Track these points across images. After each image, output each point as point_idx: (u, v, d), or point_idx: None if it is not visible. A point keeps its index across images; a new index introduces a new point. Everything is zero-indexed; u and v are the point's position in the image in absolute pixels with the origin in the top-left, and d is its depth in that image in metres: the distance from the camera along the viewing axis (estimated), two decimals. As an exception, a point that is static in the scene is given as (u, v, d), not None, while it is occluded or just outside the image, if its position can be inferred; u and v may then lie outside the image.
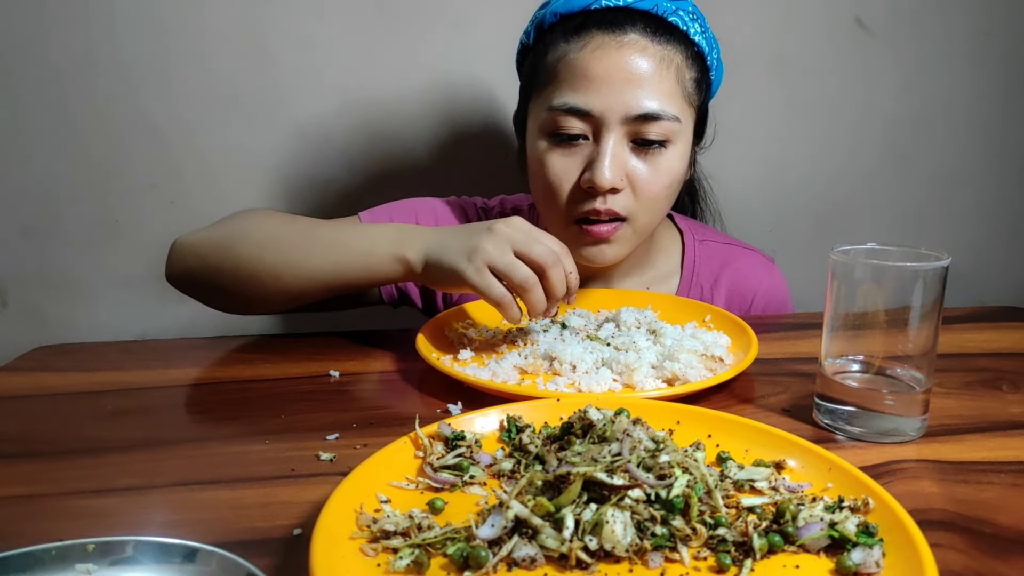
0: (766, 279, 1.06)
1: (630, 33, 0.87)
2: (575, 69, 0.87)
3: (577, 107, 0.86)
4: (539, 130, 0.91)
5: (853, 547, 0.46)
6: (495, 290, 0.75)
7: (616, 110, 0.86)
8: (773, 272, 1.08)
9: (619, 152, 0.87)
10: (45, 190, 1.29)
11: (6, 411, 0.74)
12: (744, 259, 1.07)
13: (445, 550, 0.46)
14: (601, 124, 0.87)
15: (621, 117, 0.86)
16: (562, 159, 0.89)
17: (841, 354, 0.66)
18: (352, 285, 0.84)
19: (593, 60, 0.86)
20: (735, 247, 1.09)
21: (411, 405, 0.72)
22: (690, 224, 1.10)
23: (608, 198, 0.88)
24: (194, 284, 0.90)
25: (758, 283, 1.05)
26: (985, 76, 1.42)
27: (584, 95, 0.86)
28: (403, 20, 1.28)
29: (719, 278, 1.05)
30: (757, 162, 1.41)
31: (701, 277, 1.05)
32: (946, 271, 0.61)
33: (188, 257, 0.89)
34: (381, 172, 1.34)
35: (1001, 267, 1.51)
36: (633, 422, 0.57)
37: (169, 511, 0.55)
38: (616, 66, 0.86)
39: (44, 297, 1.33)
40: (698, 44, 0.91)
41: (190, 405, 0.74)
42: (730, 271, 1.05)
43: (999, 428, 0.67)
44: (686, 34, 0.90)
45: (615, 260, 0.94)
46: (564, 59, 0.88)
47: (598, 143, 0.87)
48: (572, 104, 0.87)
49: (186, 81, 1.26)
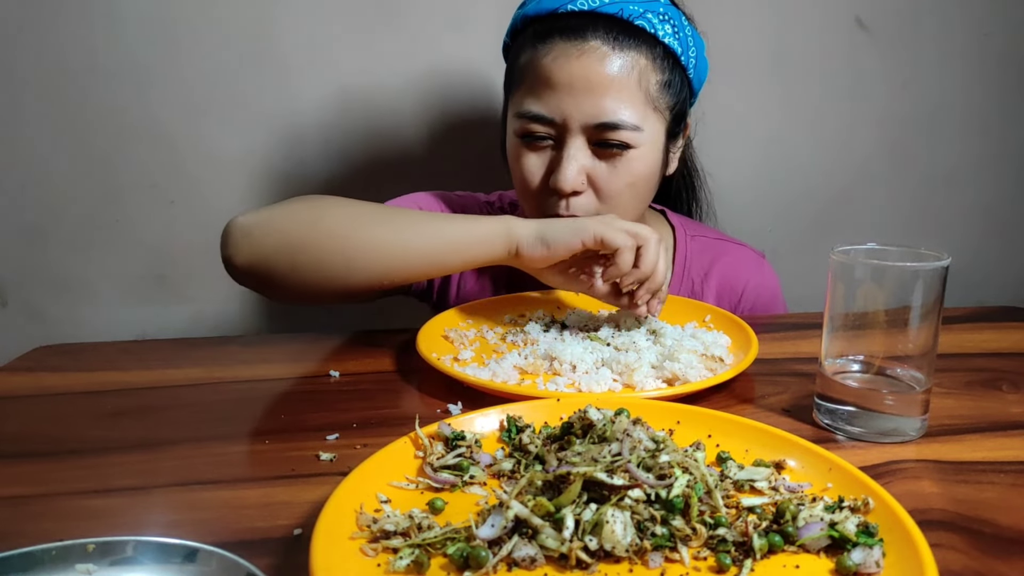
0: (756, 273, 1.07)
1: (591, 40, 0.87)
2: (539, 76, 0.89)
3: (540, 114, 0.89)
4: (512, 130, 0.93)
5: (853, 547, 0.46)
6: (620, 237, 0.79)
7: (576, 118, 0.87)
8: (763, 266, 1.09)
9: (580, 156, 0.88)
10: (45, 190, 1.29)
11: (6, 411, 0.74)
12: (734, 254, 1.09)
13: (445, 550, 0.46)
14: (563, 130, 0.88)
15: (581, 125, 0.88)
16: (531, 159, 0.91)
17: (841, 354, 0.66)
18: (448, 265, 0.84)
19: (555, 68, 0.87)
20: (726, 242, 1.10)
21: (411, 405, 0.73)
22: (682, 220, 1.12)
23: (571, 201, 0.90)
24: (267, 265, 0.81)
25: (748, 277, 1.06)
26: (984, 76, 1.42)
27: (546, 103, 0.88)
28: (402, 20, 1.28)
29: (709, 272, 1.06)
30: (757, 162, 1.41)
31: (692, 271, 1.06)
32: (946, 271, 0.61)
33: (266, 234, 0.81)
34: (381, 172, 1.34)
35: (1001, 267, 1.51)
36: (633, 422, 0.57)
37: (169, 511, 0.55)
38: (576, 75, 0.87)
39: (44, 297, 1.34)
40: (668, 45, 0.90)
41: (190, 405, 0.74)
42: (720, 265, 1.06)
43: (999, 428, 0.67)
44: (654, 36, 0.89)
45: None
46: (530, 64, 0.90)
47: (560, 148, 0.89)
48: (535, 111, 0.89)
49: (186, 81, 1.26)
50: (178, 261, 1.34)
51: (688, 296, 1.03)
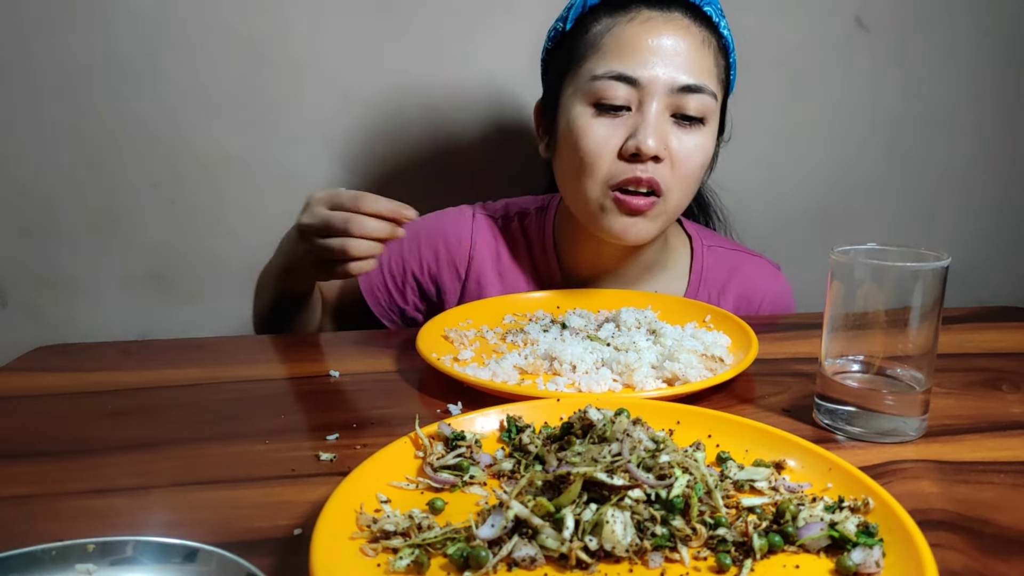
0: (773, 286, 1.07)
1: (675, 12, 0.90)
2: (623, 39, 0.89)
3: (625, 74, 0.88)
4: (581, 100, 0.91)
5: (853, 547, 0.46)
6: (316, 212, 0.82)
7: (662, 80, 0.88)
8: (779, 279, 1.08)
9: (662, 122, 0.89)
10: (45, 190, 1.29)
11: (6, 411, 0.74)
12: (751, 266, 1.08)
13: (445, 550, 0.46)
14: (646, 93, 0.88)
15: (666, 87, 0.88)
16: (605, 127, 0.90)
17: (841, 354, 0.66)
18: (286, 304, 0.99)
19: (642, 32, 0.89)
20: (742, 253, 1.09)
21: (411, 405, 0.72)
22: (698, 229, 1.11)
23: (649, 166, 0.89)
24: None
25: (766, 290, 1.06)
26: (985, 76, 1.42)
27: (631, 64, 0.88)
28: (403, 20, 1.28)
29: (727, 285, 1.05)
30: (758, 162, 1.41)
31: (709, 283, 1.06)
32: (946, 271, 0.61)
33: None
34: (382, 172, 1.34)
35: (1001, 267, 1.51)
36: (633, 422, 0.57)
37: (169, 511, 0.55)
38: (664, 38, 0.89)
39: (44, 297, 1.33)
40: (725, 38, 0.95)
41: (190, 405, 0.74)
42: (738, 278, 1.06)
43: (999, 428, 0.67)
44: (717, 26, 0.93)
45: (647, 237, 0.94)
46: (610, 31, 0.91)
47: (642, 112, 0.89)
48: (620, 71, 0.88)
49: (187, 81, 1.26)
50: (178, 261, 1.34)
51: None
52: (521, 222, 1.07)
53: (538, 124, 1.03)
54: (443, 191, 1.34)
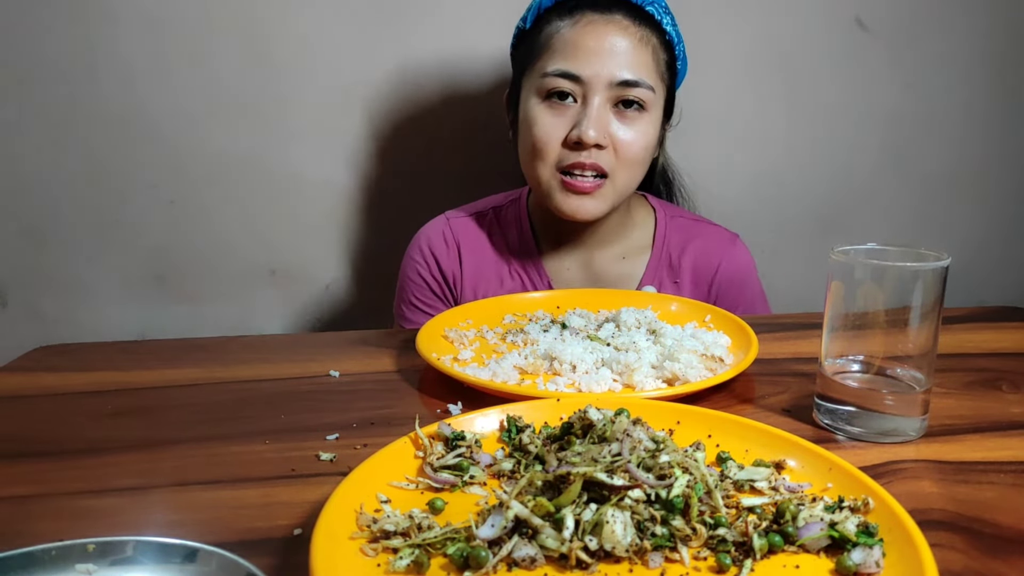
0: (729, 249, 1.13)
1: (616, 14, 1.00)
2: (568, 40, 0.99)
3: (569, 72, 0.98)
4: (534, 94, 1.01)
5: (853, 547, 0.46)
6: None
7: (602, 76, 0.97)
8: (736, 245, 1.14)
9: (603, 114, 0.98)
10: (45, 190, 1.29)
11: (6, 411, 0.74)
12: (708, 233, 1.15)
13: (445, 550, 0.46)
14: (588, 88, 0.98)
15: (606, 82, 0.97)
16: (552, 117, 1.00)
17: (841, 354, 0.66)
18: None
19: (585, 33, 0.99)
20: (702, 223, 1.17)
21: (411, 405, 0.72)
22: (662, 204, 1.19)
23: (592, 152, 0.98)
24: None
25: (721, 254, 1.12)
26: (985, 76, 1.42)
27: (575, 62, 0.98)
28: (403, 21, 1.28)
29: (685, 248, 1.13)
30: (757, 162, 1.41)
31: (670, 247, 1.13)
32: (946, 271, 0.61)
33: None
34: (381, 171, 1.34)
35: (1001, 267, 1.51)
36: (633, 422, 0.57)
37: (169, 511, 0.55)
38: (604, 39, 0.98)
39: (44, 297, 1.33)
40: (669, 34, 1.04)
41: (190, 405, 0.74)
42: (696, 242, 1.13)
43: (999, 428, 0.67)
44: (660, 23, 1.02)
45: (597, 214, 1.02)
46: (558, 34, 1.01)
47: (585, 105, 0.98)
48: (565, 68, 0.98)
49: (186, 81, 1.26)
50: (178, 261, 1.34)
51: (666, 271, 1.10)
52: (496, 215, 1.16)
53: (507, 112, 1.12)
54: (443, 190, 1.35)
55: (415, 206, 1.35)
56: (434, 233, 1.14)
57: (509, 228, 1.15)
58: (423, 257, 1.13)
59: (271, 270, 1.36)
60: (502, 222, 1.15)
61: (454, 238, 1.13)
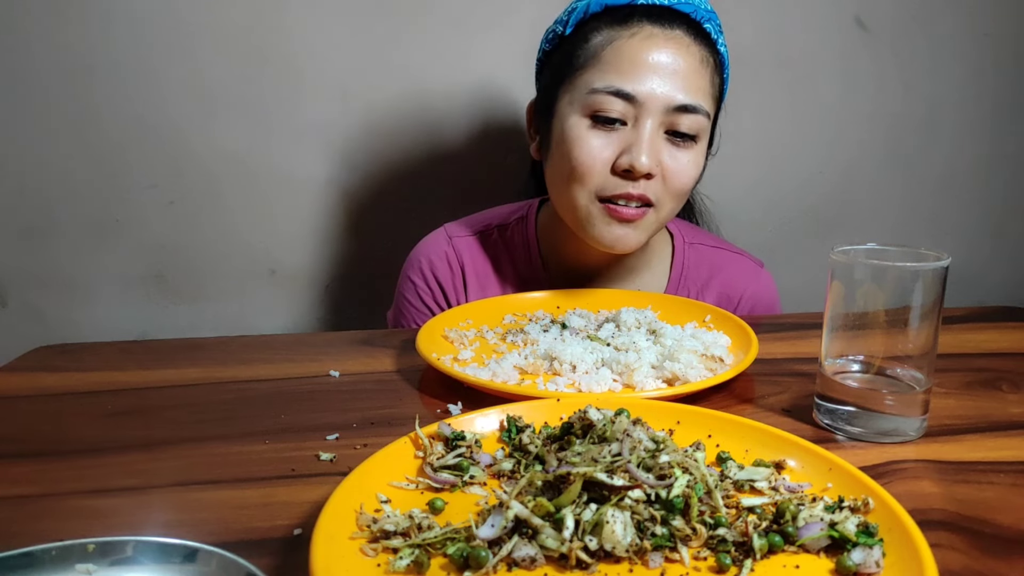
0: (753, 284, 1.07)
1: (676, 29, 0.90)
2: (623, 54, 0.89)
3: (623, 90, 0.89)
4: (577, 111, 0.92)
5: (853, 547, 0.46)
6: None
7: (659, 98, 0.88)
8: (760, 276, 1.09)
9: (656, 140, 0.90)
10: (45, 190, 1.29)
11: (6, 411, 0.74)
12: (733, 264, 1.08)
13: (445, 550, 0.46)
14: (642, 110, 0.89)
15: (662, 106, 0.89)
16: (599, 140, 0.90)
17: (841, 354, 0.66)
18: None
19: (643, 48, 0.89)
20: (724, 251, 1.10)
21: (411, 405, 0.72)
22: (681, 226, 1.11)
23: (641, 183, 0.90)
24: None
25: (745, 287, 1.06)
26: (985, 76, 1.42)
27: (631, 80, 0.88)
28: (403, 21, 1.28)
29: (708, 284, 1.06)
30: (757, 162, 1.41)
31: (689, 280, 1.06)
32: (946, 271, 0.61)
33: None
34: (381, 172, 1.34)
35: (1001, 267, 1.51)
36: (633, 422, 0.57)
37: (169, 511, 0.55)
38: (664, 56, 0.89)
39: (44, 297, 1.33)
40: (722, 55, 0.95)
41: (190, 405, 0.74)
42: (720, 276, 1.06)
43: (999, 428, 0.67)
44: (715, 43, 0.94)
45: (635, 246, 0.95)
46: (611, 44, 0.90)
47: (637, 128, 0.89)
48: (618, 87, 0.89)
49: (186, 81, 1.26)
50: (178, 261, 1.34)
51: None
52: (502, 234, 1.08)
53: (530, 124, 1.04)
54: (442, 190, 1.35)
55: (415, 206, 1.35)
56: (435, 254, 1.06)
57: (516, 251, 1.07)
58: (425, 281, 1.05)
59: (271, 270, 1.36)
60: (508, 243, 1.07)
61: (458, 260, 1.06)
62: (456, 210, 1.18)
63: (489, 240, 1.08)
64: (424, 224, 1.14)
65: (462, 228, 1.09)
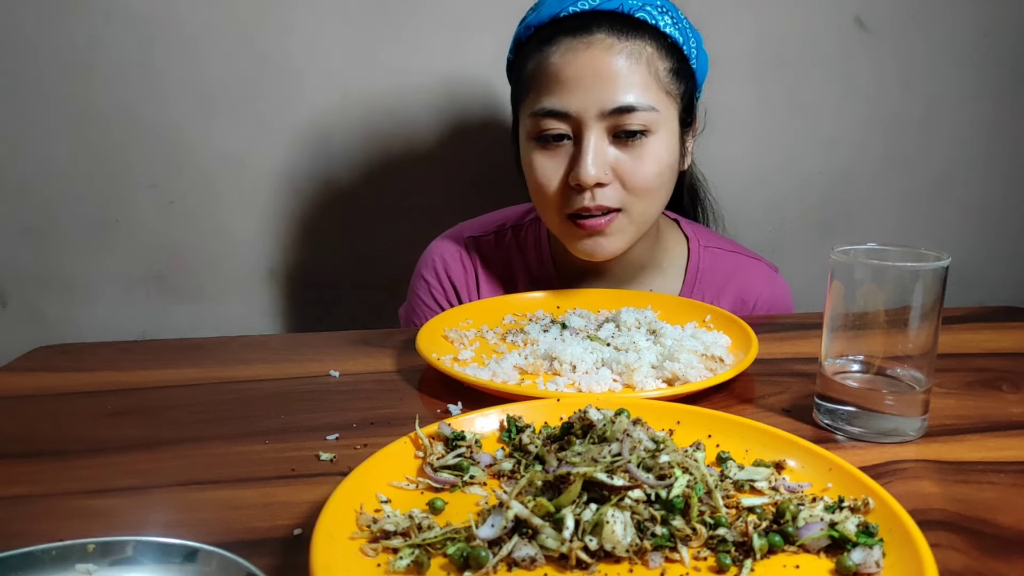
0: (768, 289, 1.07)
1: (596, 33, 0.89)
2: (548, 74, 0.90)
3: (554, 109, 0.89)
4: (526, 136, 0.94)
5: (853, 547, 0.46)
6: None
7: (591, 107, 0.88)
8: (775, 281, 1.08)
9: (600, 147, 0.89)
10: (45, 190, 1.29)
11: (6, 411, 0.74)
12: (749, 269, 1.08)
13: (445, 550, 0.46)
14: (580, 123, 0.89)
15: (597, 113, 0.88)
16: (548, 160, 0.92)
17: (841, 354, 0.66)
18: None
19: (563, 63, 0.89)
20: (740, 256, 1.09)
21: (411, 405, 0.72)
22: (695, 229, 1.11)
23: (596, 193, 0.89)
24: None
25: (760, 292, 1.06)
26: (985, 76, 1.42)
27: (559, 97, 0.89)
28: (402, 19, 1.28)
29: (724, 287, 1.05)
30: (757, 162, 1.41)
31: (704, 284, 1.06)
32: (946, 271, 0.61)
33: None
34: (381, 171, 1.34)
35: (1001, 267, 1.51)
36: (633, 422, 0.57)
37: (169, 511, 0.55)
38: (585, 65, 0.88)
39: (44, 297, 1.34)
40: (670, 35, 0.92)
41: (190, 405, 0.74)
42: (736, 280, 1.06)
43: (999, 428, 0.67)
44: (655, 27, 0.91)
45: (615, 252, 0.95)
46: (538, 67, 0.92)
47: (579, 142, 0.89)
48: (549, 107, 0.89)
49: (186, 81, 1.26)
50: (178, 261, 1.34)
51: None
52: (516, 235, 1.08)
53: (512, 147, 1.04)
54: (442, 190, 1.35)
55: (415, 206, 1.35)
56: (450, 254, 1.07)
57: (528, 252, 1.07)
58: (438, 280, 1.06)
59: (270, 270, 1.36)
60: (521, 244, 1.08)
61: (472, 260, 1.06)
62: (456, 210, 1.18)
63: (503, 241, 1.08)
64: (424, 224, 1.15)
65: (477, 228, 1.10)
